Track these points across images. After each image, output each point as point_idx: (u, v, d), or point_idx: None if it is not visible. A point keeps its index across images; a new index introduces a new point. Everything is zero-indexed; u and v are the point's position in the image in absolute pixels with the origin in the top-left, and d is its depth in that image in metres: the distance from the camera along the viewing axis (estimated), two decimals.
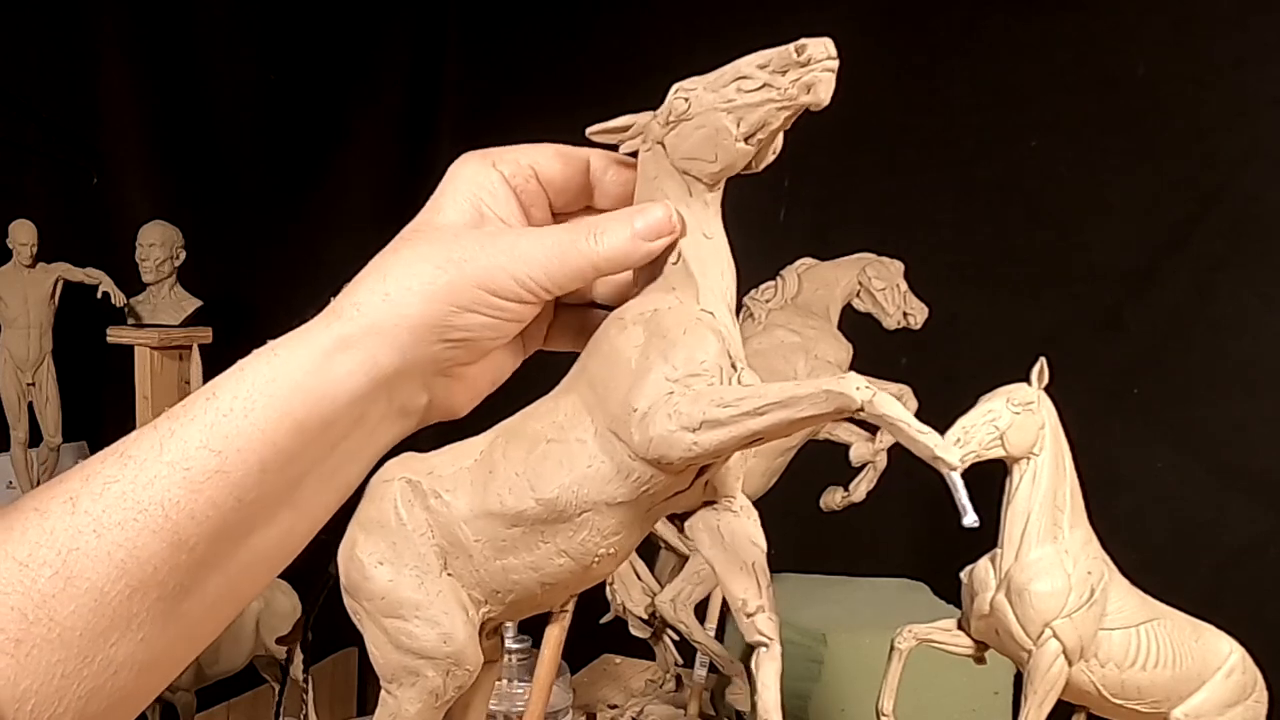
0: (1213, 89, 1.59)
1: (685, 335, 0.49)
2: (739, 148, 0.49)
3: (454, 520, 0.57)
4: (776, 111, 0.48)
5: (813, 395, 0.46)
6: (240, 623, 1.45)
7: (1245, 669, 1.04)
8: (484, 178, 0.49)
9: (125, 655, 0.38)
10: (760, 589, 0.55)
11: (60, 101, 1.70)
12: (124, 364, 1.59)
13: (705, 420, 0.47)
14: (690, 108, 0.49)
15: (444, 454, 0.59)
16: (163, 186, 1.81)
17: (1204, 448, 1.61)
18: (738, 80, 0.48)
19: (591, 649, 1.60)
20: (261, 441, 0.41)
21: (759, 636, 0.54)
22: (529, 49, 2.16)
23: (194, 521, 0.39)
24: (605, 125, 0.52)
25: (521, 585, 0.56)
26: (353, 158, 2.10)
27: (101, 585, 0.37)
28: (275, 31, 1.97)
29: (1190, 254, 1.62)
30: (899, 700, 1.06)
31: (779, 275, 1.43)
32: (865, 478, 1.35)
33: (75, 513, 0.38)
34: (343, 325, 0.44)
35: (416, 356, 0.44)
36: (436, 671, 0.59)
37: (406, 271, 0.45)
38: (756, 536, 0.55)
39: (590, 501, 0.52)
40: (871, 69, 1.80)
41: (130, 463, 0.39)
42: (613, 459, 0.51)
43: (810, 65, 0.47)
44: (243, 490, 0.40)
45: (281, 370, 0.42)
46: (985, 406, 1.01)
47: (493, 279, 0.45)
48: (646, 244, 0.48)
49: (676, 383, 0.49)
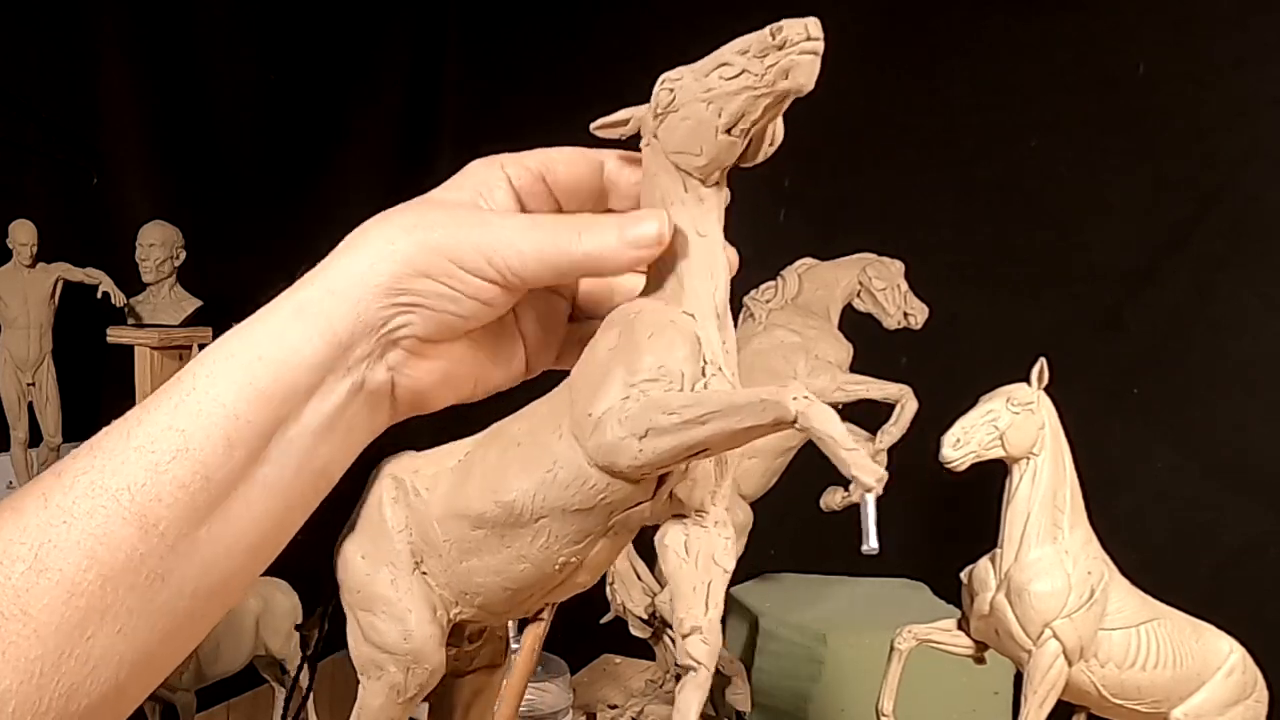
0: (1213, 89, 1.59)
1: (650, 339, 0.47)
2: (722, 140, 0.46)
3: (428, 519, 0.57)
4: (755, 100, 0.45)
5: (751, 405, 0.44)
6: (240, 623, 1.45)
7: (1245, 669, 1.04)
8: (490, 177, 0.47)
9: (103, 649, 0.37)
10: (705, 611, 0.51)
11: (60, 101, 1.70)
12: (124, 364, 1.59)
13: (651, 427, 0.45)
14: (675, 99, 0.47)
15: (434, 452, 0.59)
16: (163, 186, 1.81)
17: (1204, 448, 1.61)
18: (719, 68, 0.45)
19: (591, 649, 1.60)
20: (224, 415, 0.40)
21: (688, 660, 0.51)
22: (529, 49, 2.16)
23: (160, 504, 0.39)
24: (607, 120, 0.50)
25: (486, 588, 0.56)
26: (353, 158, 2.10)
27: (72, 576, 0.37)
28: (275, 31, 1.97)
29: (1190, 254, 1.62)
30: (899, 700, 1.06)
31: (779, 275, 1.43)
32: None
33: (47, 507, 0.38)
34: (305, 290, 0.43)
35: (369, 318, 0.43)
36: (398, 667, 0.59)
37: (375, 235, 0.44)
38: (721, 556, 0.51)
39: (548, 507, 0.50)
40: (871, 69, 1.81)
41: (100, 453, 0.39)
42: (572, 465, 0.49)
43: (787, 49, 0.43)
44: (209, 468, 0.40)
45: (243, 343, 0.42)
46: (985, 407, 1.01)
47: (458, 249, 0.43)
48: (631, 253, 0.46)
49: (633, 387, 0.46)
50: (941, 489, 1.43)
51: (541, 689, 1.26)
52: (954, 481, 1.05)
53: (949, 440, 1.00)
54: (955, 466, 1.00)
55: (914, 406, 1.31)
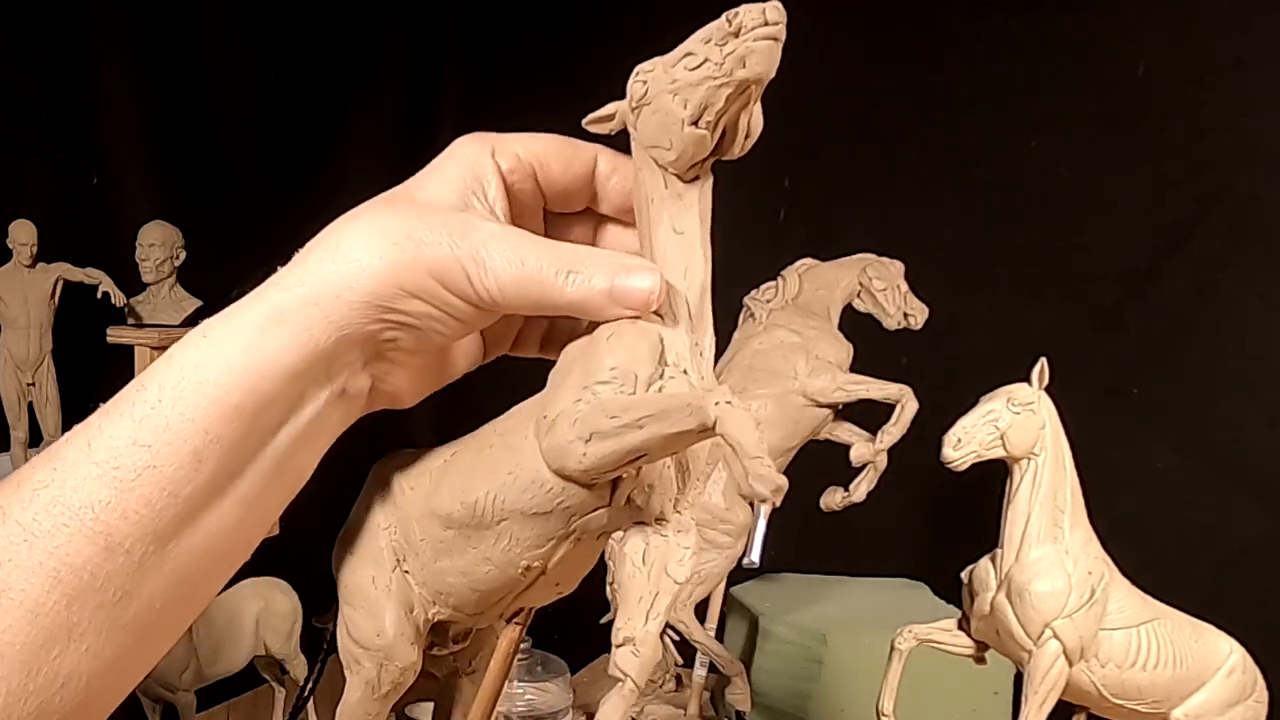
0: (1213, 89, 1.58)
1: (609, 340, 0.45)
2: (689, 133, 0.44)
3: (410, 518, 0.57)
4: (717, 90, 0.42)
5: (679, 409, 0.42)
6: (240, 623, 1.45)
7: (1245, 669, 1.04)
8: (480, 167, 0.45)
9: (71, 667, 0.36)
10: (643, 623, 0.49)
11: (60, 101, 1.69)
12: (124, 364, 1.59)
13: (595, 431, 0.44)
14: (648, 91, 0.45)
15: (426, 452, 0.59)
16: (163, 186, 1.81)
17: (1204, 448, 1.61)
18: (684, 58, 0.43)
19: (591, 649, 1.60)
20: (193, 431, 0.38)
21: (615, 670, 0.49)
22: (530, 48, 2.16)
23: (126, 522, 0.37)
24: (595, 114, 0.48)
25: (455, 589, 0.56)
26: (353, 158, 2.10)
27: (36, 597, 0.35)
28: (275, 31, 1.97)
29: (1190, 254, 1.62)
30: (899, 700, 1.06)
31: (779, 275, 1.43)
32: (865, 478, 1.35)
33: (5, 522, 0.36)
34: (280, 294, 0.41)
35: (354, 334, 0.41)
36: (372, 663, 0.60)
37: (360, 242, 0.41)
38: (675, 568, 0.49)
39: (508, 510, 0.50)
40: (871, 69, 1.81)
41: (59, 466, 0.37)
42: (530, 468, 0.48)
43: (743, 35, 0.41)
44: (177, 485, 0.37)
45: (212, 352, 0.39)
46: (986, 407, 1.01)
47: (447, 270, 0.41)
48: (616, 310, 0.44)
49: (586, 389, 0.45)
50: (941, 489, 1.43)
51: (541, 689, 1.26)
52: (954, 481, 1.05)
53: (950, 440, 1.00)
54: (956, 466, 1.00)
55: (914, 406, 1.31)
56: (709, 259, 0.47)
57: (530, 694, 1.30)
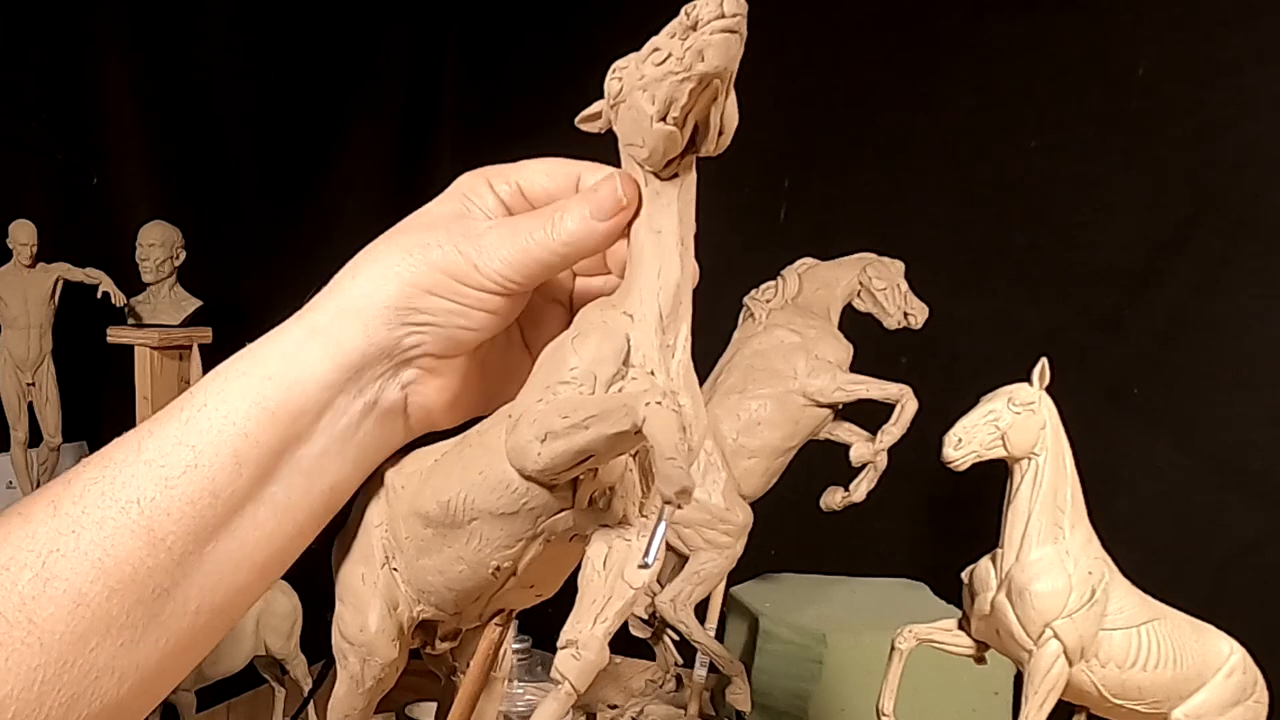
0: (1213, 89, 1.58)
1: (575, 340, 0.46)
2: (658, 129, 0.43)
3: (397, 516, 0.57)
4: (679, 85, 0.42)
5: (617, 409, 0.42)
6: (240, 623, 1.45)
7: (1245, 669, 1.04)
8: (474, 184, 0.48)
9: (106, 660, 0.37)
10: (590, 625, 0.48)
11: (60, 101, 1.69)
12: (124, 364, 1.59)
13: (549, 431, 0.44)
14: (623, 88, 0.45)
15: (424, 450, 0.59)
16: (163, 186, 1.81)
17: (1204, 448, 1.61)
18: (652, 53, 0.43)
19: None
20: (234, 434, 0.41)
21: (555, 672, 0.48)
22: (530, 51, 2.16)
23: (170, 518, 0.39)
24: (584, 113, 0.49)
25: (433, 588, 0.56)
26: (353, 158, 2.10)
27: (80, 586, 0.37)
28: (275, 31, 1.97)
29: (1190, 254, 1.62)
30: (899, 700, 1.06)
31: (779, 275, 1.43)
32: (865, 478, 1.35)
33: (56, 515, 0.38)
34: (314, 314, 0.45)
35: (381, 340, 0.44)
36: (355, 658, 0.60)
37: (377, 262, 0.45)
38: (631, 574, 0.48)
39: (477, 509, 0.50)
40: (871, 69, 1.81)
41: (111, 464, 0.40)
42: (498, 467, 0.48)
43: (700, 29, 0.41)
44: (218, 485, 0.40)
45: (255, 363, 0.43)
46: (986, 407, 1.01)
47: (456, 265, 0.44)
48: (600, 224, 0.45)
49: (548, 389, 0.45)
50: (941, 489, 1.43)
51: (542, 689, 1.26)
52: (954, 481, 1.05)
53: (950, 440, 1.00)
54: (956, 466, 1.00)
55: (914, 406, 1.31)
56: (689, 258, 0.46)
57: (530, 694, 1.30)
